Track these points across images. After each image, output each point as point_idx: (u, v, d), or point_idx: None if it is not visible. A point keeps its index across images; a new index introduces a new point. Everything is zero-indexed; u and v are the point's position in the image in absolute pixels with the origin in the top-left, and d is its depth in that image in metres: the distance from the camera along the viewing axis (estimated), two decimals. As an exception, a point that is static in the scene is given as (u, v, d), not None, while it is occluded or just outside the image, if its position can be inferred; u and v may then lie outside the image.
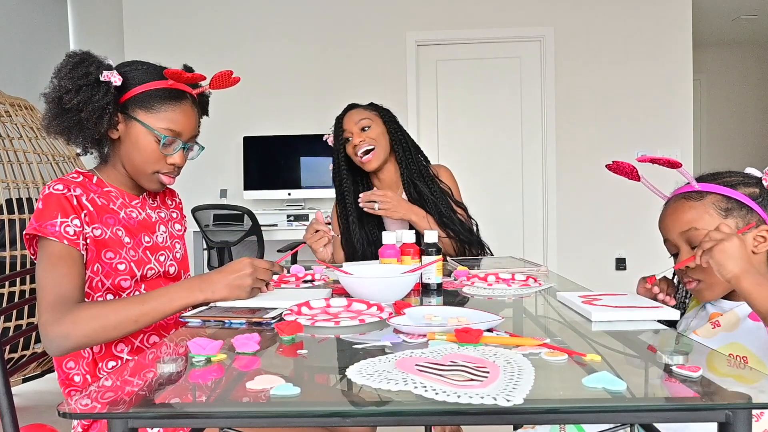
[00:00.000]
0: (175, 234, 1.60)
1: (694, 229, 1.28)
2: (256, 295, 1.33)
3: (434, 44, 5.28)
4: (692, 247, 1.29)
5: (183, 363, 0.88)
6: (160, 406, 0.72)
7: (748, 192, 1.27)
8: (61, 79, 1.33)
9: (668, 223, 1.34)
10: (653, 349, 0.95)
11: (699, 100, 7.24)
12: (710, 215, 1.27)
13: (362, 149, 2.17)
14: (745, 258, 1.12)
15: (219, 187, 5.30)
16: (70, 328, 1.19)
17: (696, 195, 1.30)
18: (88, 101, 1.32)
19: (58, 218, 1.28)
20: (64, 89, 1.32)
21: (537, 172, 5.26)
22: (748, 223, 1.25)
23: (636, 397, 0.72)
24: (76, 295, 1.26)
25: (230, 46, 5.31)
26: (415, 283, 1.40)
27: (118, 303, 1.25)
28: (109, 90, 1.35)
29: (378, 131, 2.20)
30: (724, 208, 1.26)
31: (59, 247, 1.27)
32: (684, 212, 1.30)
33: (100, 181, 1.44)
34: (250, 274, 1.28)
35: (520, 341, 0.94)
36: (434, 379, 0.75)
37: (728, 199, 1.26)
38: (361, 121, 2.20)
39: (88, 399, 0.73)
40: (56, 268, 1.26)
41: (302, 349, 0.97)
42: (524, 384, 0.74)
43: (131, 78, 1.40)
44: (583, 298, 1.29)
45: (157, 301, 1.25)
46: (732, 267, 1.11)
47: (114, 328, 1.22)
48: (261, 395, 0.73)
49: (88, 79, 1.33)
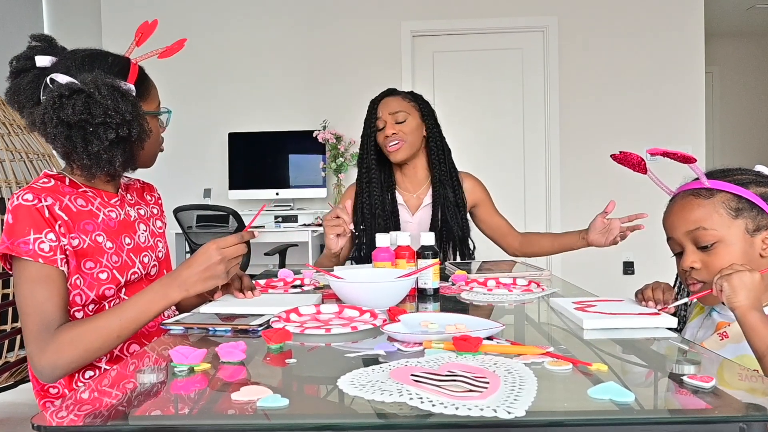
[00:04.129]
0: (157, 232, 1.60)
1: (702, 229, 1.28)
2: (234, 273, 1.34)
3: (431, 35, 5.28)
4: (698, 247, 1.30)
5: (164, 373, 0.87)
6: (140, 419, 0.72)
7: (760, 192, 1.27)
8: (123, 113, 1.30)
9: (674, 220, 1.35)
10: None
11: (711, 94, 7.26)
12: (719, 215, 1.27)
13: (393, 142, 2.18)
14: (759, 295, 1.15)
15: (202, 186, 5.29)
16: (55, 357, 1.22)
17: (705, 193, 1.30)
18: (139, 125, 1.35)
19: (30, 234, 1.26)
20: (113, 125, 1.30)
21: (540, 170, 5.28)
22: (758, 225, 1.26)
23: (645, 409, 0.72)
24: (59, 318, 1.26)
25: (214, 34, 5.30)
26: (410, 288, 1.41)
27: (96, 321, 1.25)
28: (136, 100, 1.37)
29: (413, 125, 2.21)
30: (734, 208, 1.27)
31: (36, 267, 1.26)
32: (692, 210, 1.31)
33: (73, 182, 1.41)
34: (219, 261, 1.28)
35: (522, 350, 0.94)
36: (431, 390, 0.75)
37: (739, 199, 1.27)
38: (398, 114, 2.20)
39: (64, 411, 0.73)
40: (35, 292, 1.25)
41: (291, 358, 0.96)
42: (526, 395, 0.74)
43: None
44: (576, 304, 1.29)
45: (133, 310, 1.25)
46: (743, 298, 1.14)
47: (98, 349, 1.24)
48: (247, 407, 0.73)
49: (135, 108, 1.34)
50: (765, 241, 1.26)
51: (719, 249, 1.27)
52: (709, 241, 1.28)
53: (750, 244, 1.27)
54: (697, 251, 1.30)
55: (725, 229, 1.27)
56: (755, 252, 1.27)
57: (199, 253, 1.29)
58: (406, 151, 2.20)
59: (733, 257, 1.25)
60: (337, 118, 5.16)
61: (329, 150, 5.04)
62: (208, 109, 5.27)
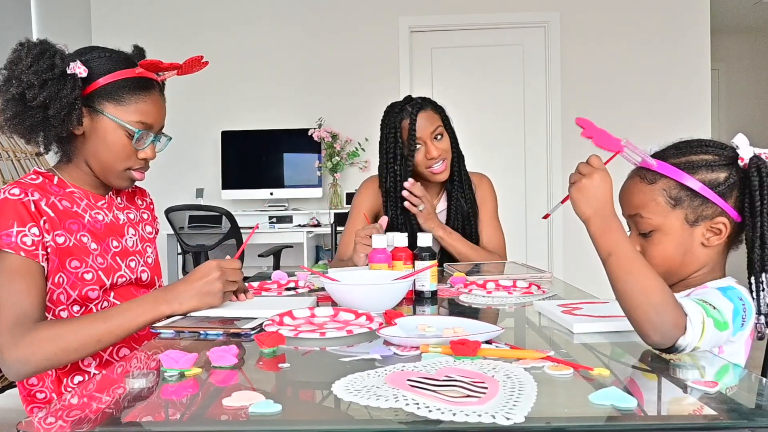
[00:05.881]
0: (146, 237, 1.59)
1: (640, 216, 1.25)
2: (228, 299, 1.34)
3: (429, 30, 5.28)
4: (639, 233, 1.27)
5: (154, 378, 0.87)
6: (130, 425, 0.72)
7: (709, 178, 1.20)
8: (22, 73, 1.30)
9: (621, 200, 1.31)
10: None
11: (717, 91, 7.26)
12: (657, 203, 1.23)
13: (438, 163, 2.14)
14: (603, 199, 1.11)
15: (195, 186, 5.28)
16: (28, 351, 1.21)
17: (650, 176, 1.24)
18: (55, 97, 1.31)
19: (14, 227, 1.27)
20: (27, 84, 1.30)
21: (541, 168, 5.28)
22: (699, 215, 1.20)
23: (648, 415, 0.72)
24: (35, 314, 1.26)
25: (208, 30, 5.29)
26: (407, 290, 1.41)
27: (79, 322, 1.26)
28: (77, 83, 1.34)
29: (448, 142, 2.20)
30: (674, 197, 1.21)
31: (17, 260, 1.27)
32: (634, 194, 1.27)
33: (61, 181, 1.43)
34: (218, 277, 1.28)
35: (522, 354, 0.95)
36: (428, 396, 0.75)
37: (681, 187, 1.21)
38: (437, 129, 2.17)
39: (52, 417, 0.73)
40: (14, 284, 1.26)
41: (284, 362, 0.97)
42: (526, 401, 0.74)
43: (96, 68, 1.38)
44: (562, 307, 1.29)
45: (120, 317, 1.25)
46: (585, 208, 1.11)
47: (75, 350, 1.24)
48: (239, 413, 0.73)
49: (53, 72, 1.31)
50: (708, 231, 1.21)
51: (655, 237, 1.24)
52: (645, 229, 1.25)
53: (689, 235, 1.22)
54: (639, 236, 1.28)
55: (662, 218, 1.22)
56: (694, 242, 1.22)
57: (198, 268, 1.31)
58: (449, 169, 2.19)
59: (668, 247, 1.23)
60: (333, 115, 5.16)
61: (325, 149, 5.03)
62: (200, 107, 5.26)
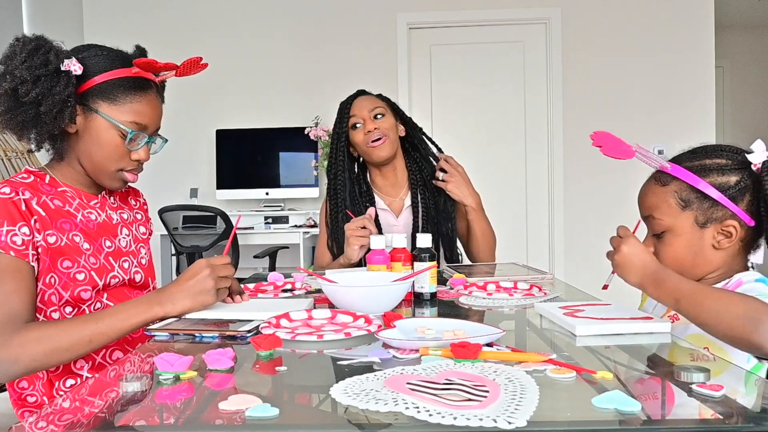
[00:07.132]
0: (140, 237, 1.59)
1: (652, 217, 1.31)
2: (223, 296, 1.34)
3: (428, 27, 5.28)
4: (653, 234, 1.33)
5: (148, 381, 0.87)
6: (123, 430, 0.72)
7: (720, 182, 1.26)
8: (15, 69, 1.31)
9: (638, 201, 1.38)
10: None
11: (722, 89, 7.26)
12: (668, 204, 1.29)
13: (375, 137, 2.16)
14: (642, 262, 1.17)
15: (189, 185, 5.27)
16: (18, 351, 1.21)
17: (663, 178, 1.31)
18: (48, 93, 1.31)
19: (4, 226, 1.28)
20: (20, 80, 1.30)
21: (542, 168, 5.28)
22: (709, 217, 1.26)
23: (652, 420, 0.72)
24: (25, 314, 1.27)
25: (202, 26, 5.28)
26: (406, 292, 1.41)
27: (70, 322, 1.26)
28: (70, 80, 1.35)
29: (391, 122, 2.20)
30: (684, 199, 1.28)
31: (6, 259, 1.27)
32: (648, 196, 1.34)
33: (53, 180, 1.44)
34: (209, 275, 1.29)
35: (523, 357, 0.95)
36: (428, 399, 0.75)
37: (692, 189, 1.27)
38: (376, 109, 2.19)
39: (44, 421, 0.73)
40: (3, 284, 1.26)
41: (281, 365, 0.97)
42: (528, 405, 0.74)
43: (91, 66, 1.39)
44: (564, 309, 1.29)
45: (112, 318, 1.25)
46: (633, 277, 1.18)
47: (66, 350, 1.23)
48: (235, 417, 0.73)
49: (47, 68, 1.32)
50: (718, 234, 1.27)
51: (667, 238, 1.31)
52: (657, 230, 1.31)
53: (699, 237, 1.28)
54: (652, 237, 1.34)
55: (673, 219, 1.29)
56: (705, 245, 1.28)
57: (188, 269, 1.32)
58: (390, 147, 2.18)
59: (679, 248, 1.29)
60: (330, 114, 5.10)
61: (322, 148, 5.02)
62: (194, 105, 5.25)
